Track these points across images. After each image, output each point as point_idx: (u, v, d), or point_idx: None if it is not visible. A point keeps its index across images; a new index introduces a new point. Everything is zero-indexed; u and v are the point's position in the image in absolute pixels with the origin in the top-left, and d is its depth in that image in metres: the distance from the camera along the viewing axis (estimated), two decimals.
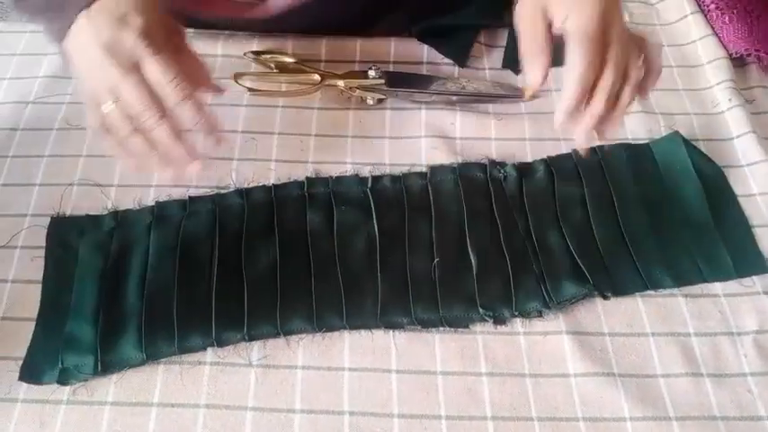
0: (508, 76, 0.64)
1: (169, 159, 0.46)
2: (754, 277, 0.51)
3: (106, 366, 0.46)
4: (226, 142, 0.49)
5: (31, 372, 0.46)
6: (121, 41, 0.44)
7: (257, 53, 0.63)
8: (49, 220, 0.53)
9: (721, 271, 0.51)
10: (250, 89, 0.59)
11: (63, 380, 0.46)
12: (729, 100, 0.60)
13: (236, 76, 0.60)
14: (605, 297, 0.50)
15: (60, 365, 0.46)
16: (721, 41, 0.65)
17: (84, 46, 0.45)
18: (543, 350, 0.48)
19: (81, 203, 0.54)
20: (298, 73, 0.61)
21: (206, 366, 0.47)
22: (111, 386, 0.46)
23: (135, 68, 0.44)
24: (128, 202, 0.54)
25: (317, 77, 0.60)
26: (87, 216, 0.53)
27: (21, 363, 0.47)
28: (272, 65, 0.62)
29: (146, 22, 0.44)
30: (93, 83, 0.45)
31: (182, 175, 0.48)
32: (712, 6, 0.66)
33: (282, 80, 0.62)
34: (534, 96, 0.60)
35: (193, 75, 0.47)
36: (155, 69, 0.44)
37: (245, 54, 0.62)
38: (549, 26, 0.46)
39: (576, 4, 0.44)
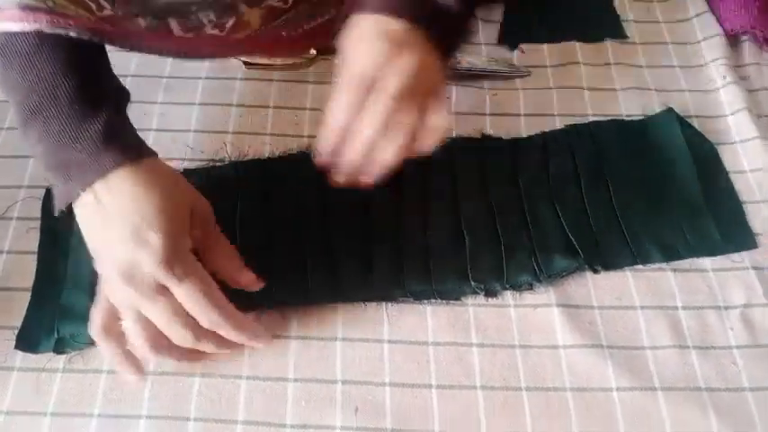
0: (504, 52, 0.64)
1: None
2: (744, 253, 0.52)
3: None
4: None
5: (28, 341, 0.47)
6: (140, 267, 0.39)
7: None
8: (44, 191, 0.53)
9: (711, 246, 0.52)
10: (246, 62, 0.59)
11: (59, 348, 0.46)
12: (724, 77, 0.61)
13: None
14: (595, 271, 0.50)
15: (56, 335, 0.47)
16: (717, 18, 0.65)
17: (97, 242, 0.41)
18: (533, 322, 0.48)
19: None
20: None
21: None
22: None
23: (159, 292, 0.40)
24: None
25: (312, 51, 0.60)
26: None
27: (16, 332, 0.47)
28: None
29: (167, 238, 0.39)
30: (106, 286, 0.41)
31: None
32: None
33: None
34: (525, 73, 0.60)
35: (225, 267, 0.45)
36: (183, 295, 0.40)
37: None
38: None
39: (356, 50, 0.42)
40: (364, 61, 0.41)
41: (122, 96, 0.45)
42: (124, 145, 0.41)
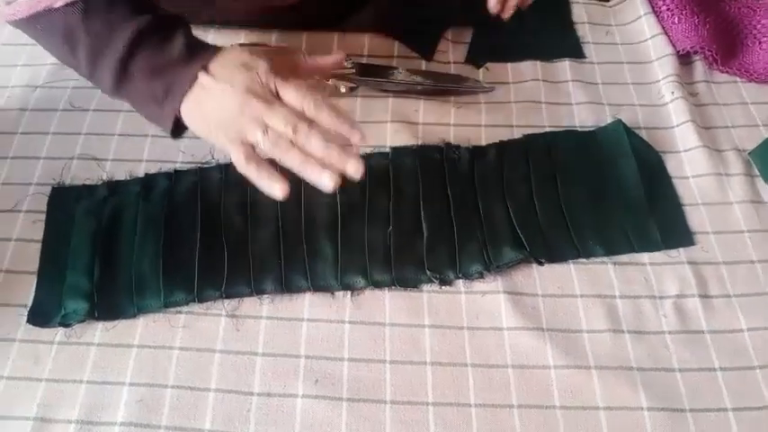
0: (471, 70, 0.69)
1: (328, 163, 0.49)
2: (681, 249, 0.56)
3: (102, 316, 0.53)
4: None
5: (39, 316, 0.53)
6: (256, 79, 0.49)
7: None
8: (50, 189, 0.60)
9: (649, 243, 0.56)
10: None
11: (64, 322, 0.52)
12: (672, 93, 0.66)
13: None
14: (540, 263, 0.55)
15: (63, 311, 0.52)
16: (670, 40, 0.70)
17: (216, 100, 0.49)
18: (481, 307, 0.53)
19: (80, 175, 0.61)
20: None
21: (182, 315, 0.53)
22: (98, 330, 0.52)
23: (275, 98, 0.50)
24: (121, 174, 0.61)
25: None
26: (84, 185, 0.60)
27: (21, 309, 0.53)
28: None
29: (267, 61, 0.51)
30: (234, 126, 0.49)
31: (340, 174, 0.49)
32: (663, 8, 0.72)
33: None
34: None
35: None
36: (291, 92, 0.50)
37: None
38: None
39: None
40: None
41: (183, 20, 0.54)
42: (204, 44, 0.52)
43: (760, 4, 0.72)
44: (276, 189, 0.49)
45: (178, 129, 0.52)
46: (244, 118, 0.49)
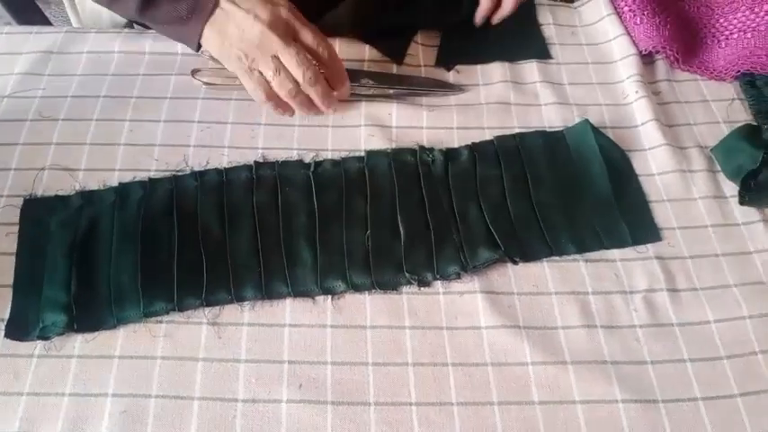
0: (441, 72, 0.70)
1: (329, 102, 0.61)
2: (649, 245, 0.58)
3: (82, 328, 0.52)
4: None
5: (17, 331, 0.52)
6: (279, 16, 0.56)
7: None
8: (22, 200, 0.59)
9: (619, 240, 0.58)
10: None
11: (43, 335, 0.52)
12: (636, 92, 0.68)
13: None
14: (515, 262, 0.57)
15: (41, 324, 0.52)
16: (633, 40, 0.72)
17: (238, 26, 0.56)
18: (459, 307, 0.54)
19: (51, 186, 0.60)
20: None
21: (162, 324, 0.53)
22: (78, 341, 0.52)
23: (293, 37, 0.57)
24: (94, 184, 0.60)
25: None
26: (57, 196, 0.59)
27: (4, 324, 0.52)
28: None
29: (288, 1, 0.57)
30: (250, 56, 0.57)
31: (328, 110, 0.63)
32: (626, 9, 0.74)
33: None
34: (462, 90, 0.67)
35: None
36: (309, 35, 0.58)
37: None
38: None
39: None
40: None
41: None
42: None
43: (718, 3, 0.74)
44: (286, 114, 0.61)
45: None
46: (260, 51, 0.56)
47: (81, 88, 0.67)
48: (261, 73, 0.59)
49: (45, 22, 0.98)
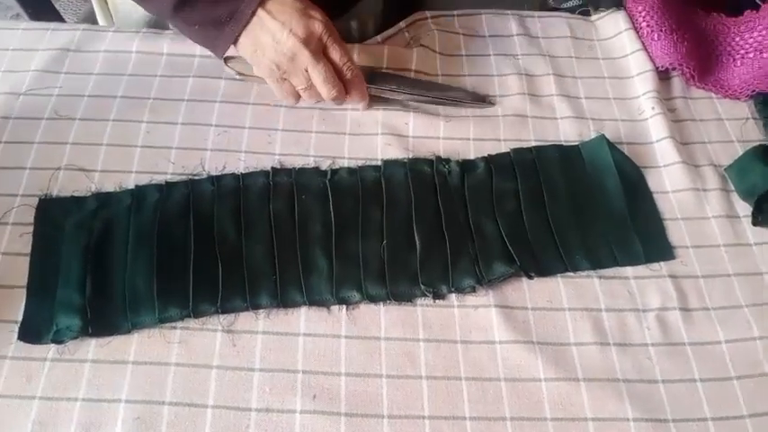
0: (479, 83, 0.71)
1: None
2: (662, 263, 0.59)
3: (96, 332, 0.52)
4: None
5: (30, 333, 0.52)
6: (313, 32, 0.57)
7: None
8: (37, 200, 0.59)
9: (633, 257, 0.58)
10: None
11: (57, 339, 0.52)
12: (653, 108, 0.68)
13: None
14: (530, 277, 0.57)
15: (55, 327, 0.52)
16: (650, 56, 0.72)
17: (272, 37, 0.57)
18: (474, 321, 0.55)
19: (67, 186, 0.60)
20: None
21: (177, 330, 0.53)
22: (92, 346, 0.52)
23: (322, 54, 0.59)
24: (110, 185, 0.60)
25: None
26: (73, 197, 0.59)
27: (11, 325, 0.52)
28: None
29: (323, 14, 0.58)
30: (282, 68, 0.59)
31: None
32: (644, 24, 0.74)
33: None
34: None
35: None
36: (337, 53, 0.59)
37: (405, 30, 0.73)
38: None
39: None
40: None
41: None
42: None
43: (734, 22, 0.74)
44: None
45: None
46: (293, 65, 0.58)
47: (98, 88, 0.67)
48: (291, 83, 0.61)
49: (55, 13, 0.97)
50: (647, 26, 0.73)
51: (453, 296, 0.56)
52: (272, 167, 0.62)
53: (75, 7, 1.34)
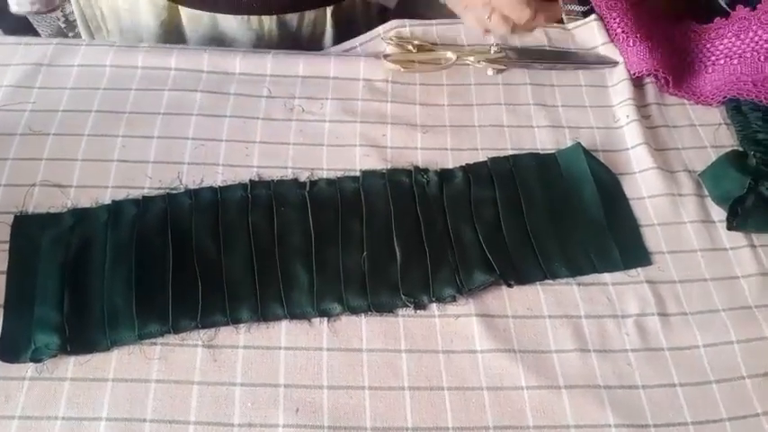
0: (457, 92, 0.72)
1: None
2: (639, 269, 0.59)
3: (75, 350, 0.52)
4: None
5: (8, 352, 0.51)
6: None
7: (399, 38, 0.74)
8: (12, 217, 0.58)
9: (611, 264, 0.59)
10: (401, 64, 0.70)
11: (35, 357, 0.51)
12: (627, 116, 0.69)
13: (385, 57, 0.71)
14: (509, 285, 0.57)
15: (33, 345, 0.51)
16: (625, 62, 0.73)
17: None
18: (455, 330, 0.55)
19: (43, 202, 0.59)
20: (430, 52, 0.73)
21: (157, 347, 0.52)
22: (71, 364, 0.51)
23: None
24: (86, 201, 0.59)
25: (449, 55, 0.72)
26: (49, 213, 0.58)
27: None
28: (411, 47, 0.73)
29: None
30: None
31: None
32: (619, 30, 0.74)
33: (419, 59, 0.73)
34: None
35: None
36: None
37: (383, 37, 0.75)
38: None
39: None
40: None
41: None
42: None
43: (704, 29, 0.76)
44: None
45: None
46: None
47: (72, 102, 0.66)
48: None
49: (31, 28, 0.97)
50: (623, 32, 0.74)
51: (434, 306, 0.56)
52: (251, 180, 0.61)
53: (53, 27, 1.32)
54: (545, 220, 0.61)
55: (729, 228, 0.62)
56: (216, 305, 0.54)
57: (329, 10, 0.82)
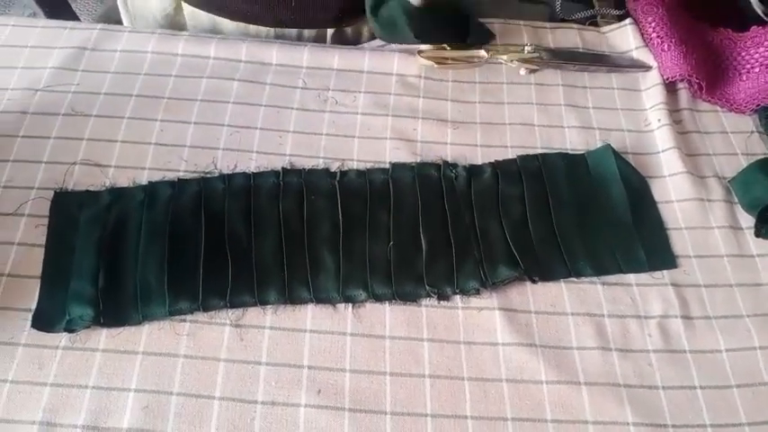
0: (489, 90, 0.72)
1: None
2: (665, 271, 0.59)
3: (108, 322, 0.53)
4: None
5: (44, 321, 0.53)
6: None
7: None
8: (52, 193, 0.60)
9: (636, 265, 0.59)
10: (437, 62, 0.72)
11: (69, 328, 0.53)
12: (659, 120, 0.69)
13: (419, 53, 0.72)
14: (534, 281, 0.58)
15: (67, 316, 0.53)
16: (659, 66, 0.73)
17: None
18: (477, 322, 0.55)
19: (82, 181, 0.61)
20: (464, 49, 0.74)
21: (186, 323, 0.54)
22: (103, 336, 0.53)
23: None
24: (123, 181, 0.61)
25: (483, 53, 0.73)
26: (87, 191, 0.60)
27: (24, 313, 0.53)
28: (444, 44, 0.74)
29: None
30: None
31: None
32: (653, 35, 0.75)
33: (452, 56, 0.74)
34: None
35: None
36: None
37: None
38: None
39: None
40: None
41: None
42: None
43: (740, 37, 0.75)
44: None
45: None
46: None
47: (114, 86, 0.68)
48: None
49: (71, 12, 0.99)
50: (657, 37, 0.74)
51: (458, 298, 0.57)
52: (283, 168, 0.63)
53: (90, 8, 1.36)
54: (572, 218, 0.61)
55: (757, 235, 0.62)
56: (245, 286, 0.56)
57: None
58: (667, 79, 0.72)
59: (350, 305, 0.56)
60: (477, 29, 0.76)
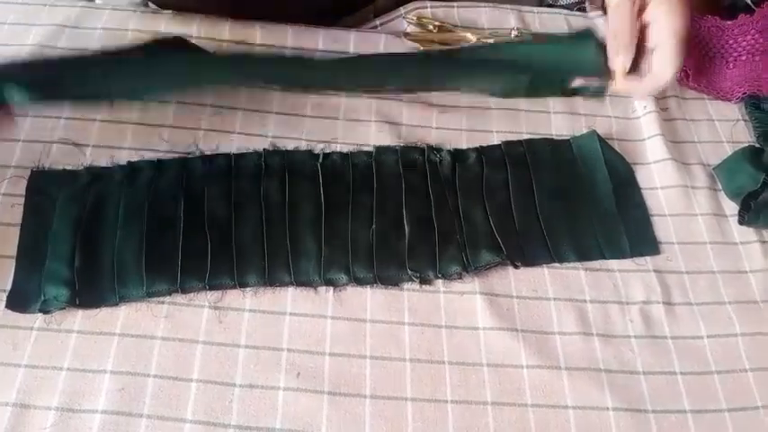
0: None
1: None
2: (647, 257, 0.59)
3: (84, 303, 0.52)
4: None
5: (18, 302, 0.52)
6: None
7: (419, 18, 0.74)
8: (29, 172, 0.59)
9: (619, 251, 0.59)
10: (424, 44, 0.71)
11: (44, 308, 0.52)
12: (644, 107, 0.69)
13: (405, 35, 0.72)
14: (516, 266, 0.57)
15: (43, 297, 0.52)
16: None
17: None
18: (459, 306, 0.55)
19: (60, 160, 0.60)
20: (450, 33, 0.73)
21: (164, 305, 0.53)
22: (78, 317, 0.52)
23: None
24: (102, 160, 0.60)
25: (469, 36, 0.72)
26: (65, 170, 0.59)
27: (5, 294, 0.52)
28: (431, 27, 0.73)
29: None
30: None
31: None
32: None
33: (439, 39, 0.73)
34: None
35: None
36: None
37: (404, 16, 0.75)
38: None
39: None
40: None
41: None
42: None
43: (728, 25, 0.75)
44: None
45: None
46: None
47: None
48: None
49: None
50: None
51: (440, 282, 0.56)
52: (265, 149, 0.62)
53: None
54: (555, 204, 0.61)
55: (741, 222, 0.62)
56: (224, 268, 0.55)
57: None
58: None
59: (331, 289, 0.55)
60: None
